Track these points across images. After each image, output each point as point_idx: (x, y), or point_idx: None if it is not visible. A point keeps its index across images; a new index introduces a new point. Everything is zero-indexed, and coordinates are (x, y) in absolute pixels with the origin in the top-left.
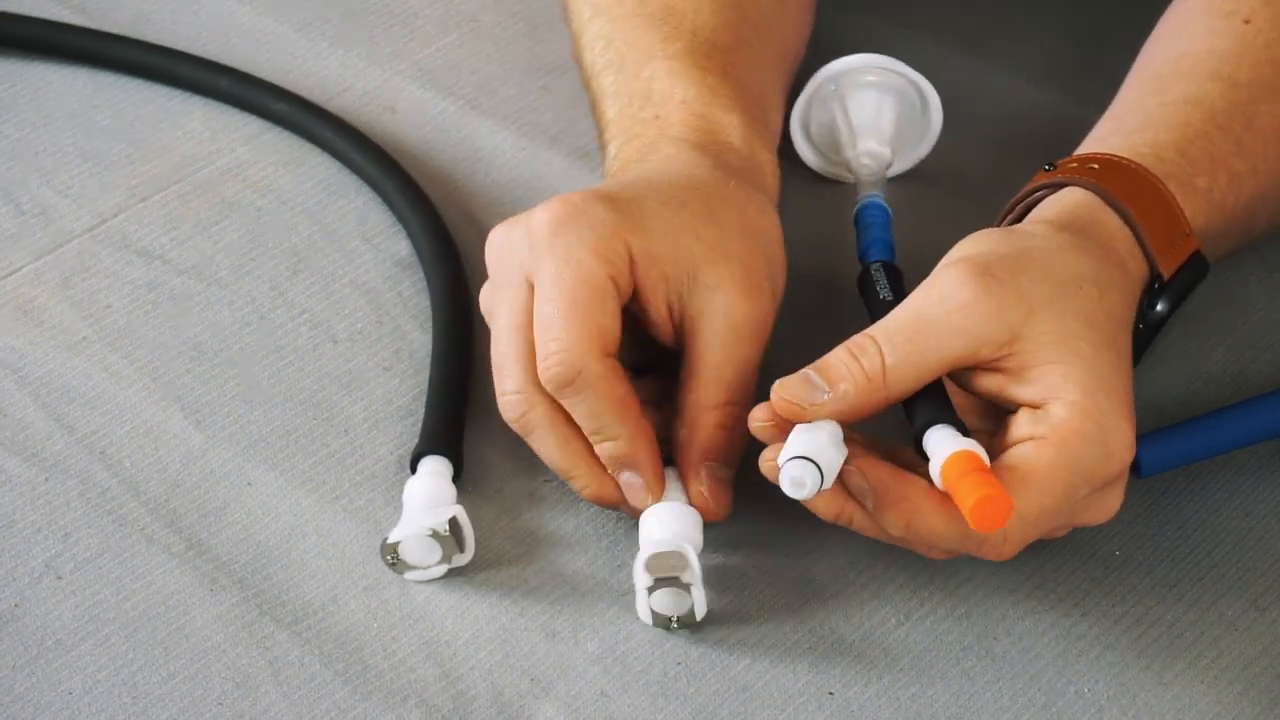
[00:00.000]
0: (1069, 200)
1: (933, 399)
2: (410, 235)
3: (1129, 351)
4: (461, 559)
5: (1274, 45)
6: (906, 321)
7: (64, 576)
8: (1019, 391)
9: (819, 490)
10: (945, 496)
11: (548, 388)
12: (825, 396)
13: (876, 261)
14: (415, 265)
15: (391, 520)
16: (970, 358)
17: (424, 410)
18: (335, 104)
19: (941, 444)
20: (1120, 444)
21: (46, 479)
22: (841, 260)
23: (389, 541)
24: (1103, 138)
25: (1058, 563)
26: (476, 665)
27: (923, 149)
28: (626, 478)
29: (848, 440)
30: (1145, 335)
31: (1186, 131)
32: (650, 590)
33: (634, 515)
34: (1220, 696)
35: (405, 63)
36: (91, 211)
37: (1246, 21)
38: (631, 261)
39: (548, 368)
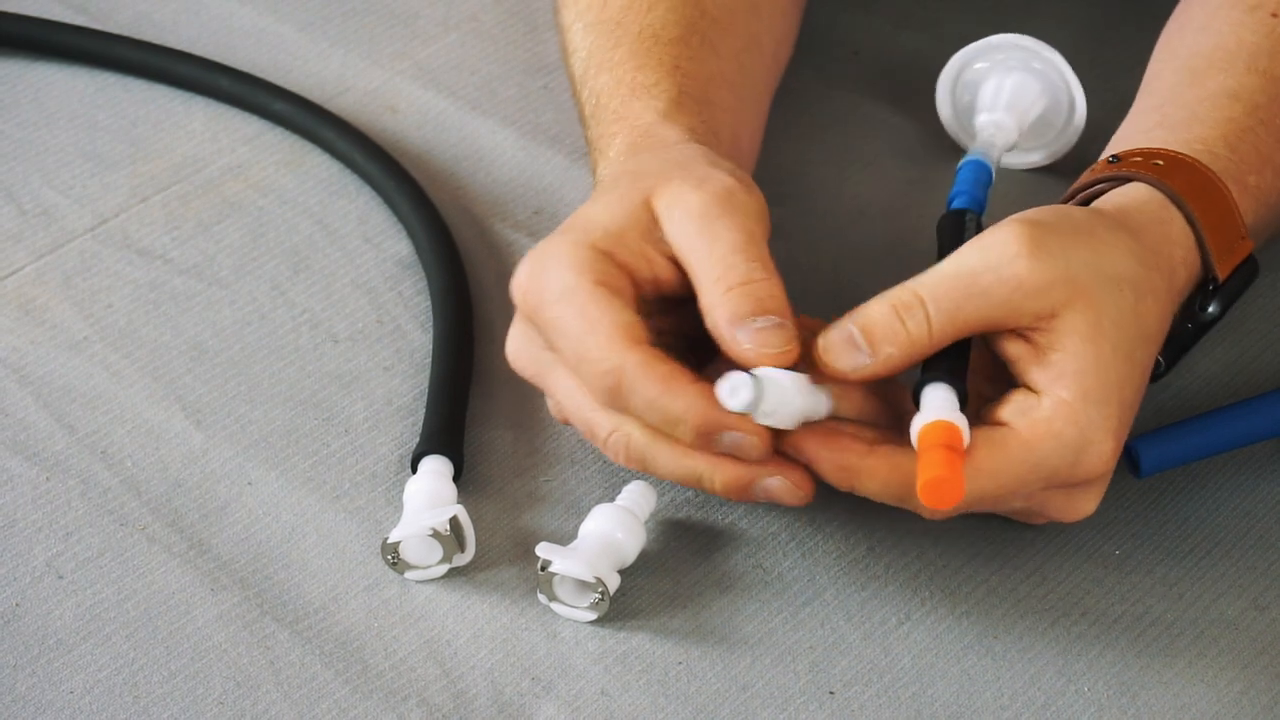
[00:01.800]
0: (1134, 196)
1: (948, 353)
2: (411, 235)
3: (1147, 366)
4: (462, 559)
5: None
6: (956, 283)
7: (65, 576)
8: (1031, 369)
9: (756, 411)
10: (888, 458)
11: (610, 408)
12: (867, 361)
13: (956, 210)
14: (416, 265)
15: (392, 520)
16: (1012, 325)
17: (424, 410)
18: (336, 104)
19: (931, 406)
20: (1094, 457)
21: (48, 478)
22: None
23: (390, 541)
24: (1148, 130)
25: (1058, 563)
26: (477, 665)
27: (1052, 150)
28: (727, 441)
29: None
30: (1192, 335)
31: (1233, 126)
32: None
33: (744, 496)
34: (1220, 696)
35: (406, 63)
36: (93, 211)
37: (1274, 15)
38: (609, 256)
39: (595, 390)
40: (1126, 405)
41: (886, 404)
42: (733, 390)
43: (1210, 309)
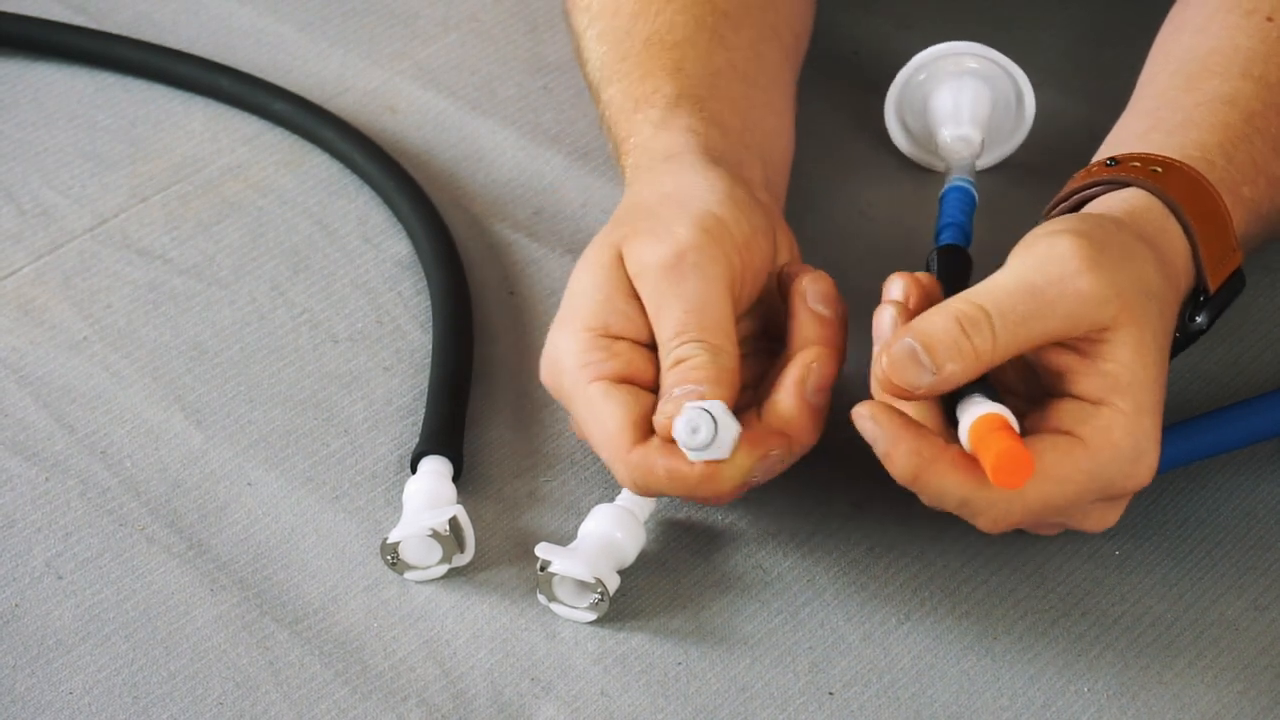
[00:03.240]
0: (1135, 204)
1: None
2: (410, 235)
3: (1167, 359)
4: (462, 559)
5: None
6: (1022, 297)
7: (64, 576)
8: (1081, 380)
9: (710, 448)
10: (958, 455)
11: (649, 496)
12: (931, 378)
13: (942, 246)
14: (416, 265)
15: (392, 520)
16: (1067, 337)
17: (424, 410)
18: (336, 104)
19: (974, 405)
20: (1144, 468)
21: (47, 479)
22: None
23: (389, 541)
24: (1142, 133)
25: (1058, 563)
26: (477, 665)
27: (1012, 143)
28: (743, 489)
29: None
30: (1179, 345)
31: (1229, 134)
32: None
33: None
34: (1220, 696)
35: (406, 63)
36: (92, 211)
37: (1270, 19)
38: (606, 336)
39: (633, 488)
40: (1159, 412)
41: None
42: (692, 430)
43: (1199, 319)
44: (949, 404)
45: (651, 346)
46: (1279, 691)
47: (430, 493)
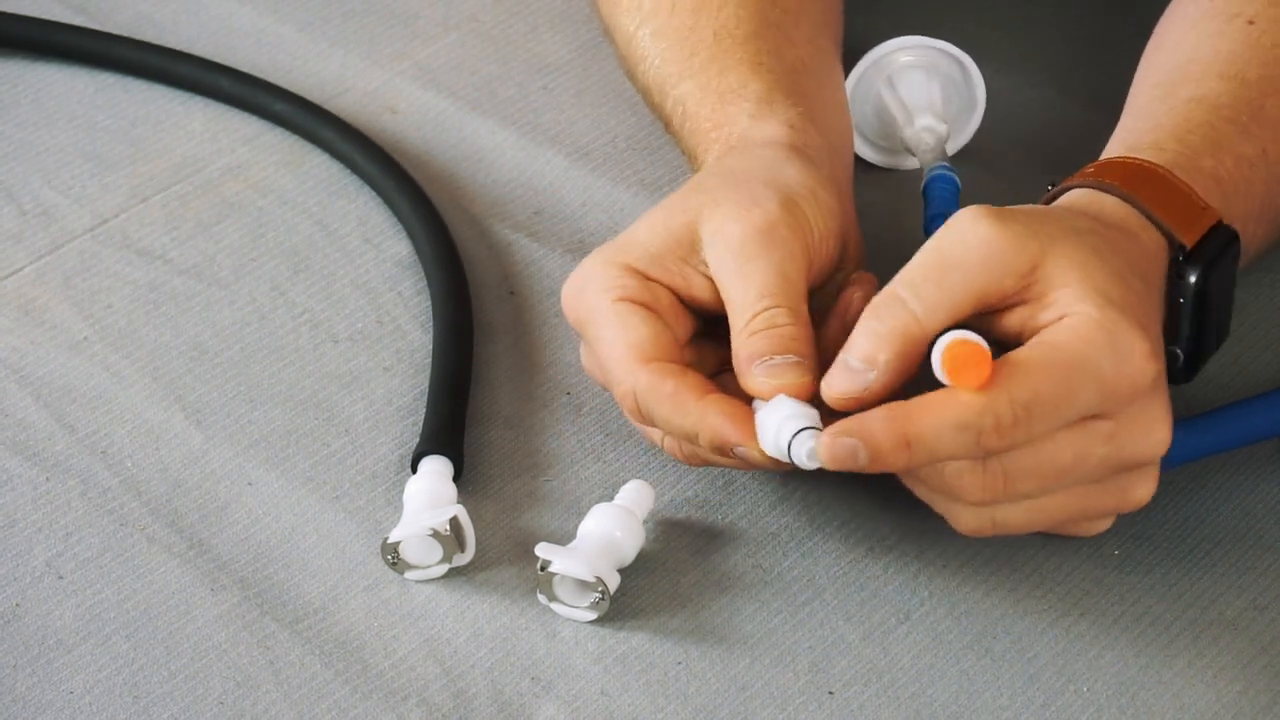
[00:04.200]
0: (1072, 198)
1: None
2: (411, 235)
3: (1146, 298)
4: (462, 559)
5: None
6: (929, 265)
7: (65, 576)
8: (1039, 317)
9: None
10: (928, 401)
11: (640, 426)
12: (872, 376)
13: None
14: (416, 265)
15: (392, 520)
16: (996, 289)
17: (424, 410)
18: (336, 104)
19: (943, 339)
20: (1136, 351)
21: (47, 479)
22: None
23: (390, 541)
24: (1110, 149)
25: (1057, 562)
26: (477, 664)
27: (973, 123)
28: (739, 454)
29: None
30: (1192, 310)
31: (1187, 124)
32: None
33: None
34: (1220, 696)
35: (406, 63)
36: (92, 212)
37: (1251, 23)
38: (640, 274)
39: (623, 409)
40: (1147, 320)
41: None
42: (813, 456)
43: (1191, 278)
44: None
45: (689, 311)
46: (1279, 691)
47: (431, 492)
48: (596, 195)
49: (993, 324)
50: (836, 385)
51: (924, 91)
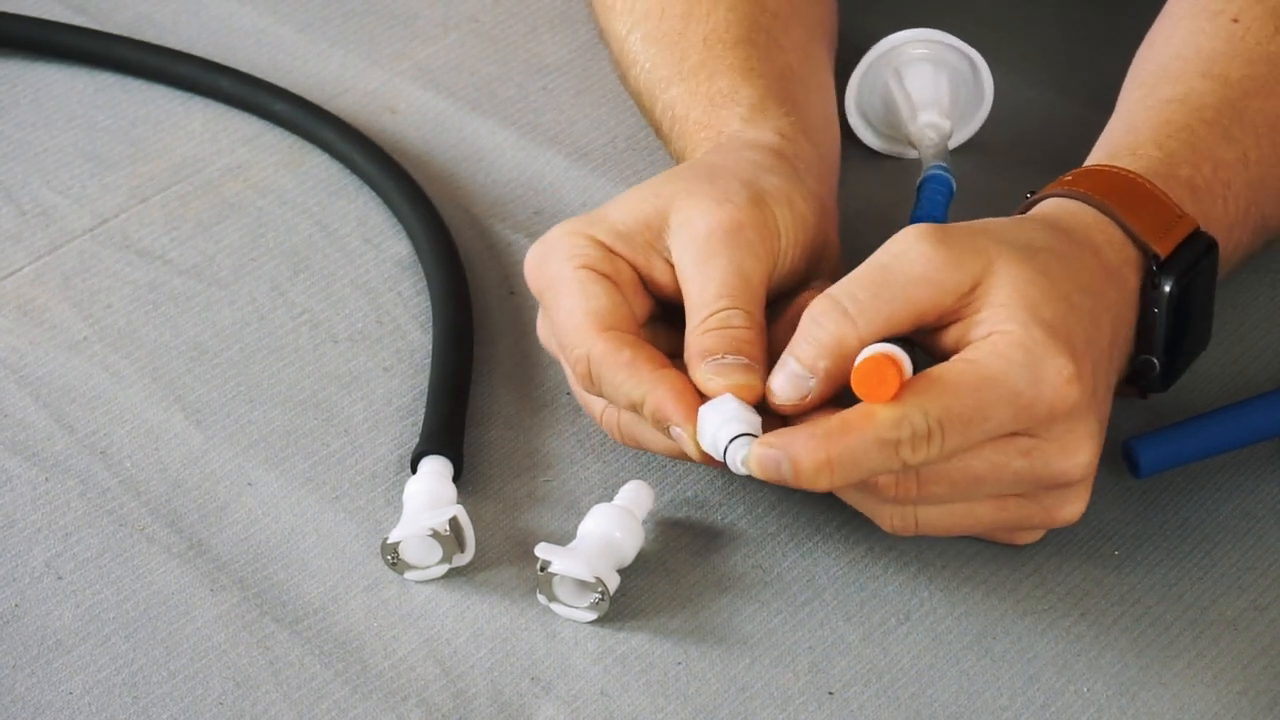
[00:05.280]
0: (1043, 206)
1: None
2: (410, 236)
3: (1097, 315)
4: (462, 559)
5: (1265, 43)
6: (868, 276)
7: (64, 576)
8: (971, 334)
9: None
10: (847, 418)
11: (588, 392)
12: (813, 383)
13: None
14: (415, 265)
15: (392, 520)
16: (936, 307)
17: (424, 410)
18: (335, 104)
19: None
20: (1055, 373)
21: (47, 479)
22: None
23: (389, 541)
24: (1093, 154)
25: (1057, 562)
26: (477, 664)
27: (977, 120)
28: (674, 434)
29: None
30: (1166, 319)
31: (1166, 128)
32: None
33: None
34: (1220, 696)
35: (405, 63)
36: (92, 212)
37: (1235, 20)
38: (606, 248)
39: (574, 375)
40: (1080, 342)
41: None
42: (740, 462)
43: (1166, 287)
44: None
45: (648, 294)
46: (1279, 691)
47: (430, 493)
48: (596, 195)
49: (932, 341)
50: (780, 392)
51: (931, 86)
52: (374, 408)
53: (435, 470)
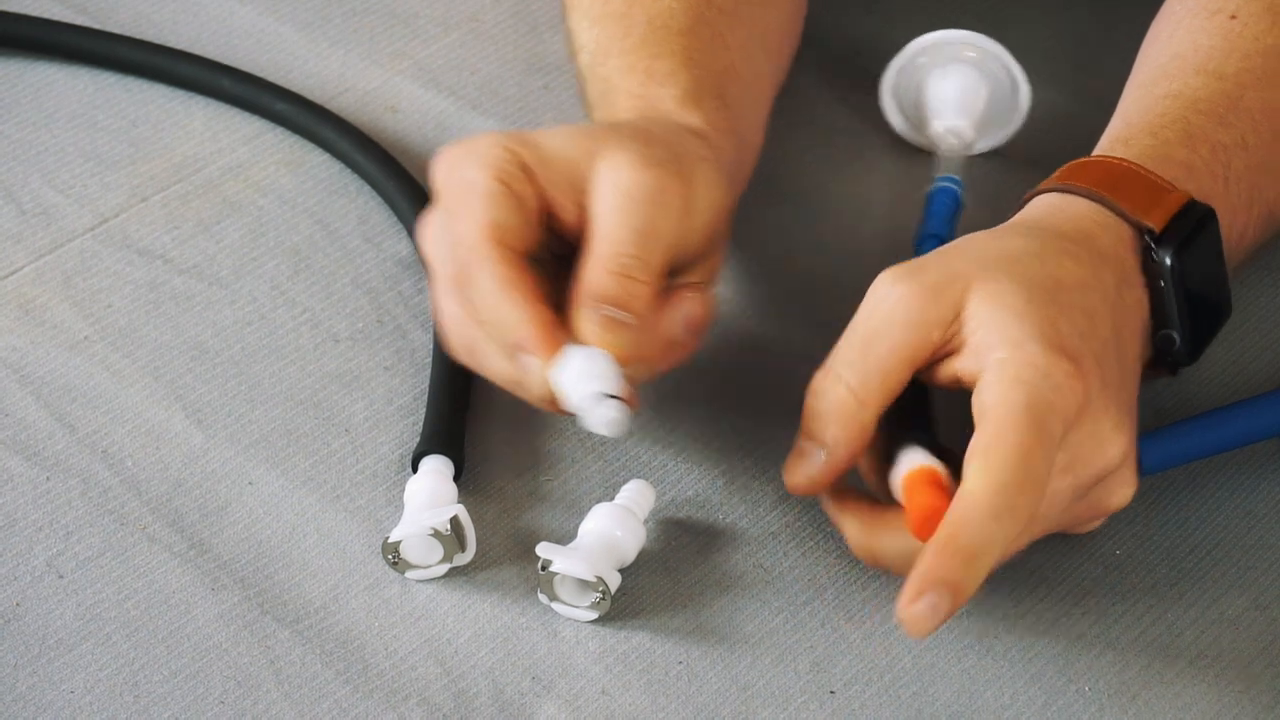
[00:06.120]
0: (1029, 206)
1: (907, 421)
2: (411, 235)
3: (1091, 310)
4: (463, 558)
5: (1262, 37)
6: (855, 339)
7: (65, 576)
8: (967, 363)
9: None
10: (954, 516)
11: (456, 293)
12: (823, 455)
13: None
14: (416, 265)
15: (393, 519)
16: (925, 345)
17: (425, 410)
18: (336, 104)
19: (906, 457)
20: (1062, 377)
21: (48, 478)
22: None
23: (390, 541)
24: (1094, 152)
25: (1057, 562)
26: (478, 664)
27: (1007, 131)
28: (523, 362)
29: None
30: (1174, 292)
31: (1160, 120)
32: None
33: (555, 409)
34: (1220, 696)
35: (406, 62)
36: (93, 211)
37: (1233, 17)
38: (527, 169)
39: (454, 273)
40: (1073, 338)
41: None
42: (613, 424)
43: (1166, 259)
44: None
45: (545, 234)
46: (1279, 691)
47: (431, 492)
48: None
49: (935, 377)
50: (795, 474)
51: (963, 92)
52: (375, 407)
53: (436, 469)
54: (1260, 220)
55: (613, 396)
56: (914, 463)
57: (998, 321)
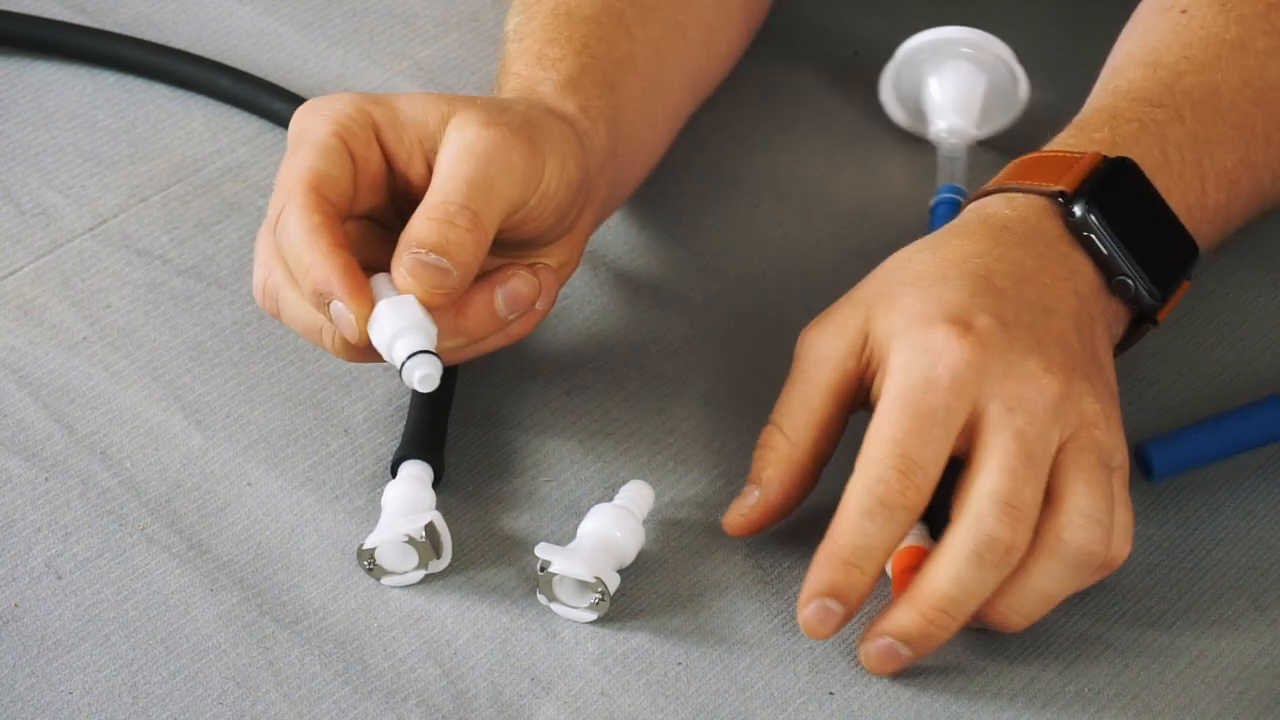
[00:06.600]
0: (960, 217)
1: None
2: None
3: (983, 272)
4: (438, 565)
5: (1208, 26)
6: (786, 388)
7: (64, 576)
8: (879, 381)
9: (374, 329)
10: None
11: (269, 235)
12: (757, 493)
13: None
14: None
15: None
16: (844, 376)
17: (406, 414)
18: None
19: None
20: (941, 340)
21: (47, 479)
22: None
23: (365, 547)
24: None
25: None
26: (477, 665)
27: (1006, 119)
28: (334, 310)
29: None
30: (1102, 239)
31: (1088, 111)
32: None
33: (359, 357)
34: (1220, 696)
35: (405, 62)
36: (92, 211)
37: (1184, 12)
38: (376, 128)
39: (269, 215)
40: (956, 302)
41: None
42: (426, 380)
43: (1077, 210)
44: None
45: (387, 194)
46: (1279, 691)
47: (407, 498)
48: None
49: (873, 405)
50: (731, 514)
51: (964, 91)
52: (374, 408)
53: (414, 475)
54: (1222, 187)
55: (425, 351)
56: (905, 542)
57: (889, 326)
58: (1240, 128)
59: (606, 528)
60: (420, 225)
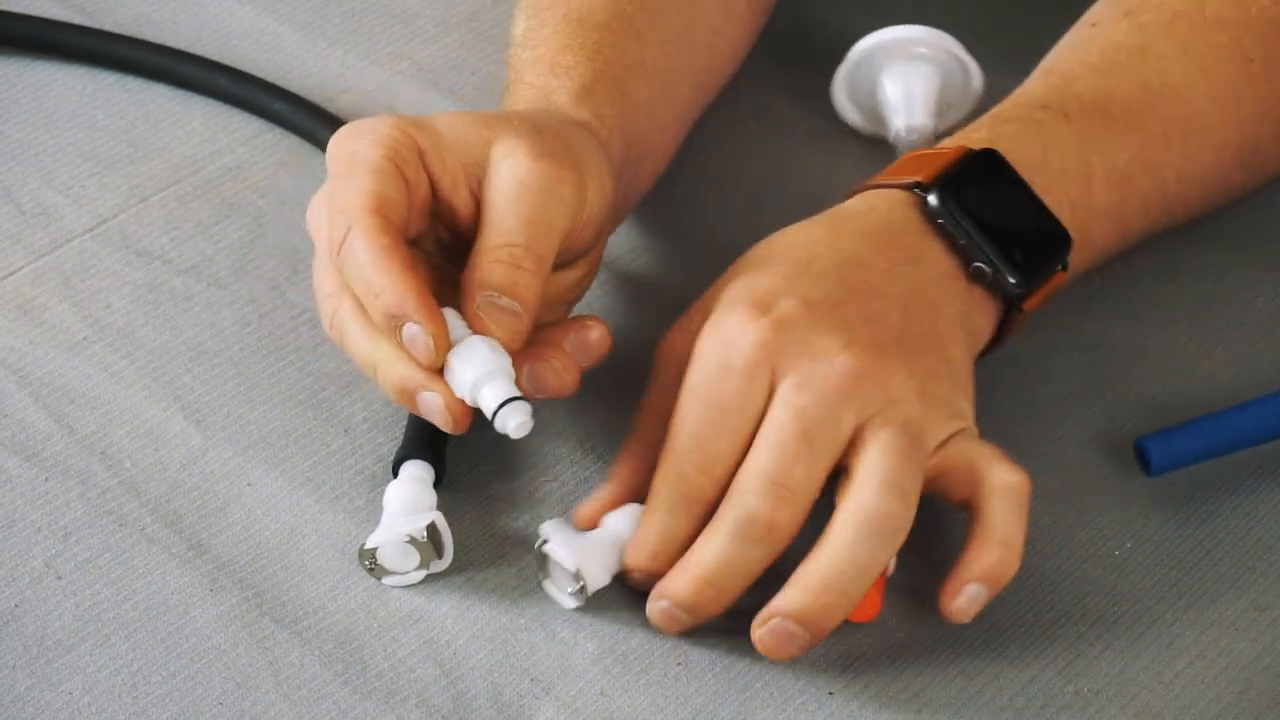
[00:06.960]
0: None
1: None
2: None
3: (806, 258)
4: (440, 565)
5: (1110, 36)
6: (645, 395)
7: (64, 576)
8: None
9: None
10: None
11: (336, 264)
12: (605, 488)
13: None
14: None
15: None
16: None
17: (408, 414)
18: (335, 104)
19: None
20: (734, 323)
21: (47, 479)
22: None
23: (367, 547)
24: None
25: (1057, 562)
26: (476, 665)
27: (961, 112)
28: (407, 333)
29: None
30: (954, 227)
31: (977, 120)
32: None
33: (412, 396)
34: (1220, 696)
35: (405, 63)
36: (92, 211)
37: (1093, 25)
38: (421, 153)
39: (332, 239)
40: (762, 286)
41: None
42: (522, 428)
43: (931, 199)
44: None
45: (431, 219)
46: (1279, 691)
47: (408, 498)
48: None
49: None
50: (580, 510)
51: (919, 89)
52: (374, 408)
53: (415, 475)
54: (1113, 185)
55: (517, 399)
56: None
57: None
58: (1134, 128)
59: (624, 528)
60: (490, 268)
